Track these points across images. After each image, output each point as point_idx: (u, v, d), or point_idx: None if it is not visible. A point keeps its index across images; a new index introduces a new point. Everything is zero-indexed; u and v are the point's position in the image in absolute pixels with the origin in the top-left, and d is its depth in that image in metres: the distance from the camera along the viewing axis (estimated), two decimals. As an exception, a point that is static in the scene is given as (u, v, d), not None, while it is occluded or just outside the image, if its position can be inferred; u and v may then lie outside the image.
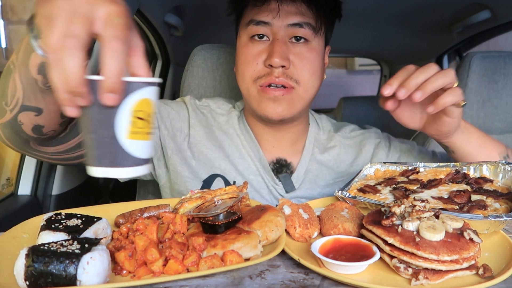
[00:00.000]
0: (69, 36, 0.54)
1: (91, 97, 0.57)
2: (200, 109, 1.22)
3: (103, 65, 0.55)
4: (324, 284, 0.64)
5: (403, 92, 0.87)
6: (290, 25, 1.06)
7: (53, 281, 0.58)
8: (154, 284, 0.63)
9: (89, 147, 0.60)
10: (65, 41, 0.54)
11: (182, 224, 0.76)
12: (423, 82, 0.88)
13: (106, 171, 0.61)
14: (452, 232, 0.67)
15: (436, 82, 0.87)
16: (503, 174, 0.93)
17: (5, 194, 1.48)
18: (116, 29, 0.55)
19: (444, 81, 0.88)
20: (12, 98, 0.77)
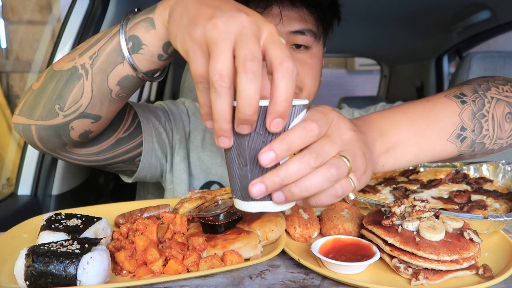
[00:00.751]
0: (250, 60, 0.48)
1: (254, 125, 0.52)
2: (199, 113, 1.21)
3: (276, 88, 0.50)
4: (324, 284, 0.64)
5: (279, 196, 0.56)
6: (292, 32, 1.04)
7: (53, 281, 0.58)
8: (154, 284, 0.63)
9: (243, 178, 0.55)
10: (246, 65, 0.48)
11: (182, 224, 0.76)
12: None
13: (264, 205, 0.57)
14: (452, 232, 0.67)
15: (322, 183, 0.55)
16: (503, 174, 0.93)
17: (5, 194, 1.48)
18: (285, 49, 0.52)
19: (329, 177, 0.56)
20: (72, 104, 0.74)
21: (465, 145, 0.76)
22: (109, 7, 1.56)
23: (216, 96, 0.50)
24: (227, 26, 0.50)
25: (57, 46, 1.49)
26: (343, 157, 0.56)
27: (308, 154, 0.53)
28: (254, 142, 0.53)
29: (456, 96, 0.76)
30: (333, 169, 0.54)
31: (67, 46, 1.49)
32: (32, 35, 3.02)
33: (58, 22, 2.79)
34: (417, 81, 3.08)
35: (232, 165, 0.56)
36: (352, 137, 0.59)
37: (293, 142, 0.52)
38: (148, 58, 0.69)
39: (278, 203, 0.55)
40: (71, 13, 1.49)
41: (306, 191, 0.54)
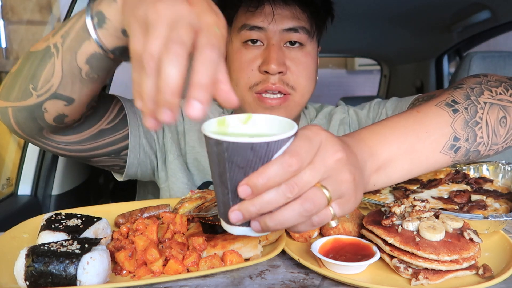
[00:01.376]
0: (175, 42, 0.49)
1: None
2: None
3: (194, 72, 0.49)
4: (324, 284, 0.64)
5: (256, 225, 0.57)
6: (285, 30, 1.04)
7: (53, 281, 0.58)
8: (154, 284, 0.63)
9: (226, 204, 0.56)
10: (170, 47, 0.49)
11: (182, 224, 0.76)
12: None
13: (244, 231, 0.58)
14: (452, 232, 0.67)
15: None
16: (503, 174, 0.93)
17: (5, 194, 1.48)
18: (215, 38, 0.52)
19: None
20: (44, 83, 0.74)
21: (459, 155, 0.74)
22: (109, 7, 1.56)
23: (144, 76, 0.50)
24: (166, 11, 0.52)
25: (57, 46, 1.49)
26: (323, 188, 0.55)
27: (284, 185, 0.53)
28: (235, 174, 0.53)
29: (447, 105, 0.74)
30: (308, 203, 0.54)
31: (67, 46, 1.49)
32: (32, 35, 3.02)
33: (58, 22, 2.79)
34: (417, 81, 3.08)
35: (217, 190, 0.57)
36: (339, 161, 0.56)
37: (270, 178, 0.52)
38: (112, 33, 0.68)
39: (256, 231, 0.56)
40: (71, 13, 1.49)
41: (280, 225, 0.54)
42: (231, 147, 0.52)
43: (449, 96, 0.76)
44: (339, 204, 0.57)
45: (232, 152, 0.52)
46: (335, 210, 0.57)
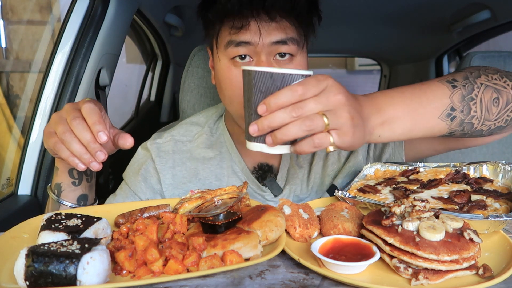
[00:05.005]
0: (72, 120, 0.83)
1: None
2: (164, 149, 1.18)
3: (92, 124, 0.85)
4: (324, 284, 0.64)
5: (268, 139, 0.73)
6: (273, 43, 1.00)
7: (53, 281, 0.58)
8: (154, 284, 0.63)
9: (250, 122, 0.73)
10: (72, 123, 0.83)
11: (182, 224, 0.76)
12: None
13: (261, 147, 0.74)
14: (452, 232, 0.67)
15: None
16: (503, 174, 0.93)
17: (5, 194, 1.48)
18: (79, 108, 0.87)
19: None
20: None
21: (455, 124, 0.84)
22: (109, 7, 1.56)
23: (68, 145, 0.84)
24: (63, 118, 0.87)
25: (57, 46, 1.49)
26: (323, 115, 0.70)
27: (291, 107, 0.69)
28: (257, 98, 0.73)
29: (448, 81, 0.85)
30: (308, 121, 0.69)
31: (67, 46, 1.49)
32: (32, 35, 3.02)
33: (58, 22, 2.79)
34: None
35: (246, 114, 0.76)
36: (339, 101, 0.71)
37: (280, 99, 0.69)
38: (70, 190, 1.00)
39: (269, 144, 0.72)
40: (71, 13, 1.49)
41: (286, 136, 0.70)
42: (257, 75, 0.71)
43: (450, 76, 0.87)
44: (338, 134, 0.71)
45: (257, 80, 0.71)
46: (334, 138, 0.71)
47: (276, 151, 0.74)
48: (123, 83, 3.44)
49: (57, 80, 1.49)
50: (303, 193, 1.14)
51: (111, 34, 1.59)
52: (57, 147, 0.85)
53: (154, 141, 1.19)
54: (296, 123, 0.69)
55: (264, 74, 0.71)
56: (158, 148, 1.18)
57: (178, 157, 1.17)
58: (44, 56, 2.06)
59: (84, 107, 0.84)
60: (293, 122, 0.69)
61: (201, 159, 1.16)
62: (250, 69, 0.72)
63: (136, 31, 2.39)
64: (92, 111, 0.83)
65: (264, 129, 0.71)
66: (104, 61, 1.59)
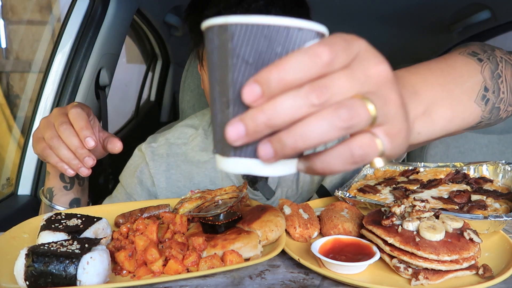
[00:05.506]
0: (59, 125, 0.82)
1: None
2: (158, 152, 1.17)
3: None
4: (324, 284, 0.64)
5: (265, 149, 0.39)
6: None
7: (53, 281, 0.58)
8: (154, 284, 0.63)
9: (224, 125, 0.39)
10: (59, 129, 0.82)
11: (182, 224, 0.76)
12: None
13: (247, 164, 0.41)
14: (452, 232, 0.67)
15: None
16: (503, 174, 0.93)
17: (5, 194, 1.48)
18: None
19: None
20: None
21: (487, 109, 0.65)
22: (109, 7, 1.56)
23: (56, 151, 0.84)
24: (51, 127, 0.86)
25: (57, 46, 1.49)
26: (365, 99, 0.38)
27: (309, 87, 0.36)
28: (240, 74, 0.39)
29: (471, 54, 0.66)
30: (344, 110, 0.36)
31: (67, 46, 1.49)
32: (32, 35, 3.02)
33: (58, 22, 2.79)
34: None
35: (214, 109, 0.41)
36: (384, 75, 0.40)
37: (288, 71, 0.36)
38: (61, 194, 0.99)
39: (266, 159, 0.38)
40: (71, 13, 1.49)
41: (302, 141, 0.37)
42: (239, 32, 0.38)
43: (464, 48, 0.68)
44: (388, 133, 0.40)
45: (238, 40, 0.38)
46: (383, 142, 0.40)
47: (276, 170, 0.41)
48: (123, 83, 3.44)
49: (57, 80, 1.49)
50: (293, 194, 1.13)
51: (111, 34, 1.59)
52: (45, 152, 0.85)
53: (149, 145, 1.19)
54: (323, 115, 0.36)
55: (253, 28, 0.38)
56: (153, 151, 1.17)
57: (173, 160, 1.16)
58: (44, 56, 2.06)
59: (71, 112, 0.83)
60: (316, 115, 0.37)
61: (196, 162, 1.15)
62: (225, 22, 0.38)
63: (136, 31, 2.39)
64: (79, 116, 0.82)
65: (258, 131, 0.37)
66: (104, 61, 1.59)
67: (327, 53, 0.36)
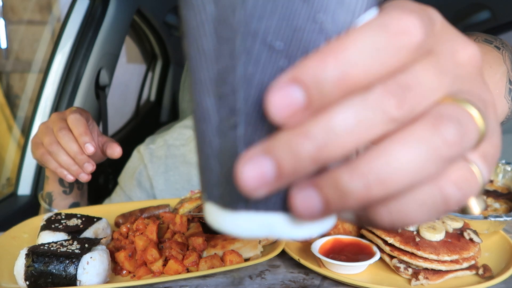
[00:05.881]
0: (60, 131, 0.81)
1: None
2: (157, 154, 1.17)
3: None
4: (324, 284, 0.64)
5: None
6: None
7: (53, 281, 0.58)
8: (154, 284, 0.63)
9: (227, 155, 0.23)
10: (58, 135, 0.81)
11: (182, 224, 0.76)
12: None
13: (269, 221, 0.23)
14: (452, 232, 0.67)
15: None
16: (503, 174, 0.93)
17: (5, 194, 1.48)
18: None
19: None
20: None
21: (511, 105, 0.55)
22: (109, 7, 1.56)
23: (55, 157, 0.83)
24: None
25: (57, 46, 1.49)
26: (467, 104, 0.22)
27: (383, 89, 0.20)
28: (259, 69, 0.22)
29: (486, 41, 0.56)
30: (452, 127, 0.21)
31: (67, 46, 1.49)
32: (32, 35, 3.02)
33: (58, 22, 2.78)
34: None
35: (205, 128, 0.24)
36: (476, 63, 0.26)
37: (354, 61, 0.20)
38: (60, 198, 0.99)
39: (305, 215, 0.21)
40: (71, 13, 1.49)
41: (379, 185, 0.20)
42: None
43: (474, 36, 0.59)
44: (486, 155, 0.24)
45: (257, 9, 0.21)
46: (481, 170, 0.24)
47: (312, 230, 0.23)
48: (123, 83, 3.44)
49: (57, 80, 1.49)
50: None
51: (111, 34, 1.59)
52: (44, 158, 0.85)
53: (147, 146, 1.18)
54: (417, 138, 0.20)
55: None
56: (151, 153, 1.17)
57: (171, 162, 1.16)
58: (44, 56, 2.06)
59: (70, 118, 0.83)
60: (401, 137, 0.20)
61: (194, 163, 1.15)
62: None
63: (136, 31, 2.39)
64: (78, 122, 0.82)
65: (299, 170, 0.20)
66: (104, 61, 1.59)
67: (420, 28, 0.21)
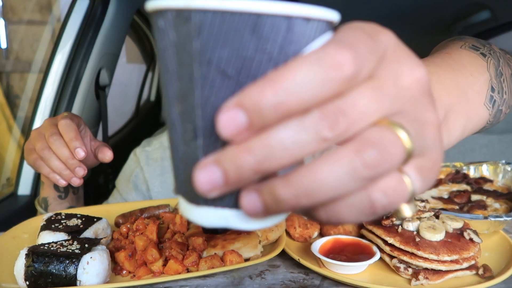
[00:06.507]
0: (50, 136, 0.83)
1: None
2: (153, 156, 1.16)
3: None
4: (324, 284, 0.64)
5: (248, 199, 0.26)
6: None
7: (53, 281, 0.58)
8: (154, 284, 0.63)
9: (189, 161, 0.28)
10: (49, 140, 0.82)
11: (182, 224, 0.76)
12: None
13: (224, 215, 0.28)
14: (452, 232, 0.67)
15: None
16: (503, 174, 0.93)
17: (5, 194, 1.48)
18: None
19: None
20: None
21: (493, 112, 0.56)
22: (109, 7, 1.56)
23: (47, 162, 0.84)
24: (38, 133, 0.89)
25: (57, 46, 1.49)
26: (397, 127, 0.26)
27: (319, 113, 0.24)
28: (213, 92, 0.25)
29: (472, 48, 0.57)
30: (371, 152, 0.24)
31: (67, 46, 1.49)
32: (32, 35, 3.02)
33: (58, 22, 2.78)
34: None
35: (173, 135, 0.28)
36: (422, 86, 0.28)
37: (292, 90, 0.23)
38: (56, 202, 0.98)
39: (251, 213, 0.26)
40: (71, 13, 1.49)
41: (306, 197, 0.25)
42: (210, 24, 0.24)
43: (462, 41, 0.60)
44: (421, 168, 0.28)
45: (211, 39, 0.25)
46: (414, 181, 0.27)
47: (262, 223, 0.28)
48: (123, 83, 3.44)
49: (57, 80, 1.49)
50: None
51: (111, 34, 1.59)
52: (37, 163, 0.86)
53: (143, 149, 1.18)
54: (340, 160, 0.24)
55: (233, 19, 0.24)
56: (147, 156, 1.17)
57: (167, 164, 1.15)
58: (44, 56, 2.06)
59: (60, 124, 0.84)
60: (328, 158, 0.25)
61: None
62: (187, 7, 0.24)
63: (136, 31, 2.39)
64: (68, 127, 0.83)
65: (243, 179, 0.25)
66: (104, 61, 1.59)
67: (351, 62, 0.24)
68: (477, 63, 0.55)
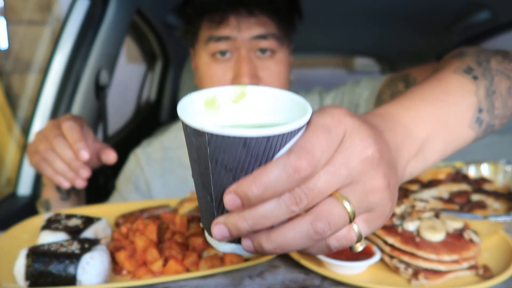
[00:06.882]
0: (54, 137, 0.83)
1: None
2: (153, 157, 1.17)
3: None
4: (324, 285, 0.64)
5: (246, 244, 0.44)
6: (253, 38, 0.98)
7: (53, 281, 0.58)
8: (154, 284, 0.63)
9: (209, 214, 0.44)
10: (52, 142, 0.83)
11: (182, 224, 0.76)
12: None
13: (234, 249, 0.45)
14: (452, 232, 0.67)
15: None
16: (503, 174, 0.93)
17: (5, 194, 1.48)
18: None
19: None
20: None
21: (481, 130, 0.63)
22: (109, 7, 1.56)
23: (52, 163, 0.85)
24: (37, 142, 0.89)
25: (57, 46, 1.49)
26: (344, 199, 0.40)
27: (288, 195, 0.39)
28: (220, 178, 0.40)
29: (465, 71, 0.63)
30: (321, 223, 0.39)
31: (67, 46, 1.49)
32: (32, 35, 3.02)
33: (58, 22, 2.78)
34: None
35: (198, 193, 0.44)
36: (369, 162, 0.40)
37: (267, 187, 0.38)
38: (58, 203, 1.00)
39: (247, 250, 0.43)
40: (71, 13, 1.49)
41: (280, 248, 0.41)
42: (215, 141, 0.38)
43: (460, 62, 0.65)
44: (367, 221, 0.43)
45: (217, 148, 0.39)
46: (360, 230, 0.42)
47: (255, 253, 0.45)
48: (123, 83, 3.44)
49: (57, 80, 1.48)
50: None
51: (111, 34, 1.59)
52: (40, 165, 0.86)
53: (144, 150, 1.19)
54: (300, 227, 0.40)
55: (229, 139, 0.38)
56: (148, 156, 1.17)
57: (168, 165, 1.16)
58: (44, 56, 2.07)
59: (64, 125, 0.84)
60: (293, 225, 0.40)
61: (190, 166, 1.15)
62: (201, 129, 0.39)
63: (136, 31, 2.39)
64: (72, 129, 0.83)
65: (241, 234, 0.41)
66: (104, 61, 1.59)
67: (306, 169, 0.38)
68: (465, 89, 0.61)
